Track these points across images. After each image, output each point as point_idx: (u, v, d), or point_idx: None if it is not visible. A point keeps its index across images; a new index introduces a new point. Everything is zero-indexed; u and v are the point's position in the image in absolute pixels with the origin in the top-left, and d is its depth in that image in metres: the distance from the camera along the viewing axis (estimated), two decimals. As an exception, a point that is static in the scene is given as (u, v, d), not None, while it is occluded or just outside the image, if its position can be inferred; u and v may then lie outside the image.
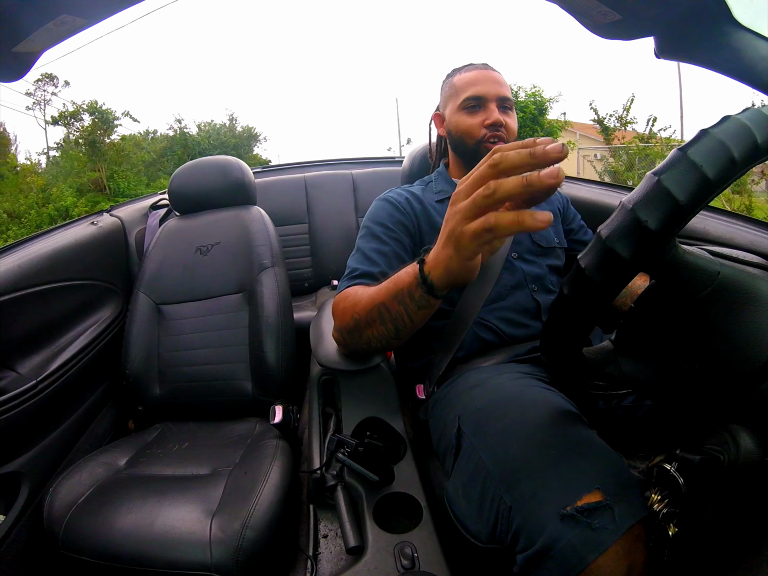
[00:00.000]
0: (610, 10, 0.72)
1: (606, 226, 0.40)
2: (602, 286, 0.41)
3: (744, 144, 0.37)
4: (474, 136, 0.90)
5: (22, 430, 0.93)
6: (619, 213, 0.39)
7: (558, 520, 0.47)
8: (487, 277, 0.86)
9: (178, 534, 0.74)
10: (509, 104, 0.92)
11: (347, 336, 0.76)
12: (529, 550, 0.49)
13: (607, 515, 0.46)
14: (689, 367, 0.44)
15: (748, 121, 0.37)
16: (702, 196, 0.37)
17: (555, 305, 0.46)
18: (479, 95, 0.89)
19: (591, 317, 0.44)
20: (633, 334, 0.49)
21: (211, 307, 1.21)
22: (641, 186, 0.39)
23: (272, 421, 1.06)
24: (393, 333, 0.67)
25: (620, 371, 0.49)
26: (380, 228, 0.86)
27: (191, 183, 1.36)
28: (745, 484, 0.43)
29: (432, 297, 0.58)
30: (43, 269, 1.06)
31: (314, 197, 2.03)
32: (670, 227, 0.37)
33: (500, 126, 0.88)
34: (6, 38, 0.64)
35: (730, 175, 0.37)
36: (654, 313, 0.47)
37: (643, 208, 0.37)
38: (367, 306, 0.68)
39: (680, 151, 0.38)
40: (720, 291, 0.42)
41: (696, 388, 0.44)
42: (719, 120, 0.39)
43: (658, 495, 0.46)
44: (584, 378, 0.53)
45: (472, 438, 0.65)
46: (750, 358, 0.41)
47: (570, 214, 1.02)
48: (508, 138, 0.91)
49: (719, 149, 0.37)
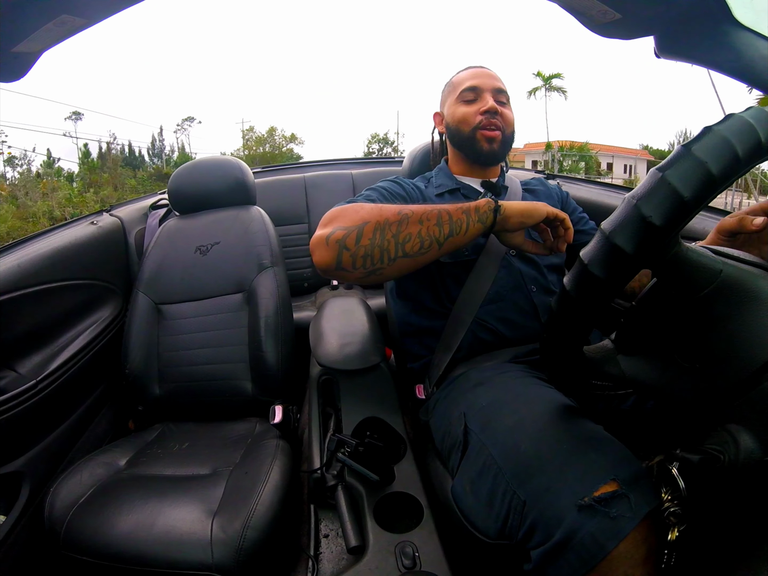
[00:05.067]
0: (610, 9, 0.72)
1: (609, 222, 0.40)
2: (605, 282, 0.40)
3: (748, 141, 0.37)
4: (470, 123, 0.91)
5: (22, 430, 0.93)
6: (623, 208, 0.39)
7: (576, 511, 0.47)
8: (484, 276, 0.86)
9: (179, 534, 0.74)
10: (505, 98, 0.93)
11: (368, 232, 0.66)
12: (546, 544, 0.49)
13: (624, 503, 0.47)
14: (690, 365, 0.44)
15: (752, 119, 0.38)
16: (706, 192, 0.37)
17: (557, 301, 0.46)
18: (475, 86, 0.92)
19: (593, 313, 0.44)
20: (633, 333, 0.49)
21: (211, 307, 1.21)
22: (645, 181, 0.39)
23: (272, 421, 1.07)
24: (443, 237, 0.69)
25: (620, 370, 0.49)
26: (385, 190, 0.86)
27: (191, 183, 1.36)
28: (745, 484, 0.43)
29: (493, 216, 0.72)
30: (43, 269, 1.06)
31: (314, 197, 2.03)
32: (675, 223, 0.37)
33: (495, 113, 0.89)
34: (6, 38, 0.64)
35: (734, 172, 0.37)
36: (655, 312, 0.47)
37: (648, 203, 0.37)
38: (410, 211, 0.69)
39: (685, 147, 0.38)
40: (722, 289, 0.42)
41: (696, 387, 0.44)
42: (723, 117, 0.39)
43: (668, 495, 0.47)
44: (584, 376, 0.53)
45: (481, 435, 0.65)
46: (751, 356, 0.41)
47: (570, 206, 1.02)
48: (505, 128, 0.91)
49: (724, 146, 0.37)
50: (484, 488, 0.60)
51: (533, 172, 1.80)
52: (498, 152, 0.92)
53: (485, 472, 0.60)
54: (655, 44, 0.77)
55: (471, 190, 0.94)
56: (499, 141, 0.91)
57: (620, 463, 0.51)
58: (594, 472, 0.50)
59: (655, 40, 0.76)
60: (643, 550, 0.46)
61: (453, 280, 0.88)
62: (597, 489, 0.48)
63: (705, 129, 0.38)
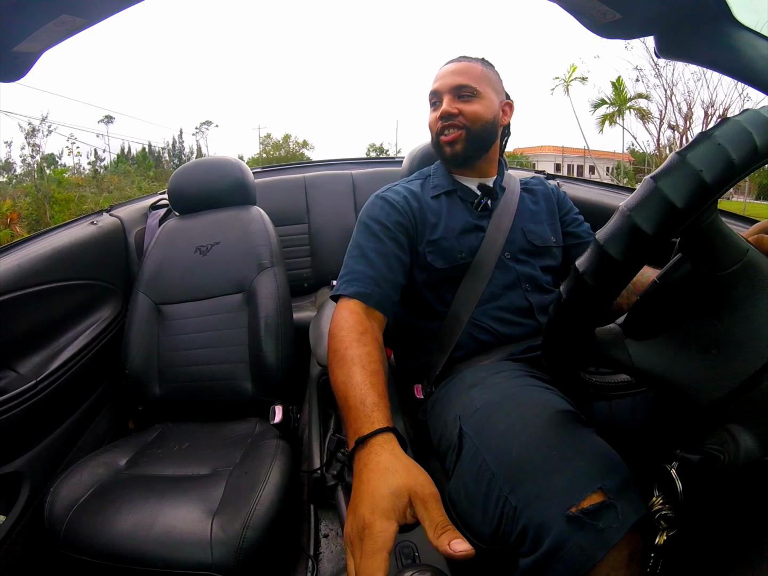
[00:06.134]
0: (610, 9, 0.72)
1: (603, 231, 0.40)
2: (598, 291, 0.41)
3: (743, 148, 0.37)
4: (433, 130, 0.94)
5: (22, 430, 0.93)
6: (616, 218, 0.40)
7: (564, 521, 0.48)
8: (480, 276, 0.86)
9: (179, 534, 0.74)
10: (467, 91, 0.89)
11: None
12: (536, 553, 0.49)
13: (611, 514, 0.47)
14: (704, 351, 0.44)
15: (747, 124, 0.37)
16: (700, 201, 0.37)
17: (554, 310, 0.46)
18: (435, 90, 0.92)
19: (589, 321, 0.44)
20: (647, 315, 0.48)
21: (211, 307, 1.21)
22: (639, 190, 0.39)
23: (272, 421, 1.07)
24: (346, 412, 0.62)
25: (627, 355, 0.47)
26: (379, 226, 0.85)
27: (191, 183, 1.36)
28: (745, 484, 0.43)
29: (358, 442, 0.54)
30: (43, 269, 1.06)
31: (314, 197, 2.02)
32: (668, 232, 0.37)
33: (451, 116, 0.89)
34: (6, 38, 0.64)
35: (729, 180, 0.37)
36: (675, 292, 0.46)
37: (640, 213, 0.37)
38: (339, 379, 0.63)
39: (678, 155, 0.38)
40: (747, 270, 0.41)
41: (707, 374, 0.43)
42: (718, 122, 0.38)
43: (660, 499, 0.46)
44: (589, 363, 0.52)
45: (475, 439, 0.65)
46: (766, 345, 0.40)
47: (566, 206, 1.02)
48: (469, 125, 0.89)
49: (718, 153, 0.37)
50: (478, 492, 0.60)
51: (533, 171, 1.80)
52: (462, 153, 0.91)
53: (480, 476, 0.60)
54: (655, 44, 0.77)
55: (468, 193, 0.94)
56: (463, 140, 0.90)
57: (608, 470, 0.51)
58: (582, 481, 0.50)
59: (655, 40, 0.76)
60: (629, 555, 0.46)
61: (449, 282, 0.88)
62: (584, 498, 0.48)
63: (700, 135, 0.38)
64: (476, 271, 0.87)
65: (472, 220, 0.90)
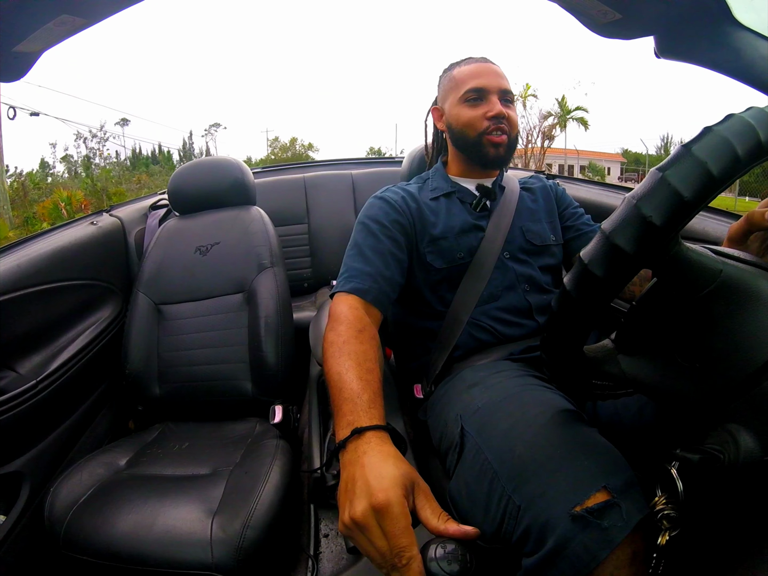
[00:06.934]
0: (611, 9, 0.72)
1: (609, 221, 0.40)
2: (605, 282, 0.40)
3: (748, 142, 0.37)
4: (476, 128, 0.89)
5: (22, 430, 0.93)
6: (623, 208, 0.39)
7: (569, 520, 0.48)
8: (479, 276, 0.86)
9: (179, 534, 0.74)
10: (510, 97, 0.91)
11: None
12: (540, 552, 0.49)
13: (616, 513, 0.47)
14: (690, 365, 0.44)
15: (752, 120, 0.37)
16: (706, 192, 0.37)
17: (557, 301, 0.46)
18: (481, 87, 0.89)
19: (593, 314, 0.44)
20: (633, 332, 0.49)
21: (211, 307, 1.21)
22: (646, 181, 0.39)
23: (272, 421, 1.07)
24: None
25: (620, 369, 0.49)
26: (377, 225, 0.85)
27: (191, 183, 1.36)
28: (745, 484, 0.43)
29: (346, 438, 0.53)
30: (43, 269, 1.06)
31: (314, 197, 2.02)
32: (675, 223, 0.37)
33: (503, 118, 0.88)
34: (6, 38, 0.64)
35: (734, 173, 0.37)
36: (656, 312, 0.47)
37: (648, 203, 0.37)
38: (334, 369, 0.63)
39: (684, 147, 0.38)
40: (722, 289, 0.42)
41: (696, 387, 0.44)
42: (723, 118, 0.38)
43: (663, 498, 0.46)
44: (584, 376, 0.52)
45: (477, 438, 0.65)
46: (751, 356, 0.41)
47: (565, 201, 1.01)
48: (510, 131, 0.90)
49: (724, 146, 0.37)
50: (480, 491, 0.59)
51: (533, 171, 1.80)
52: (504, 156, 0.91)
53: (482, 475, 0.60)
54: (655, 44, 0.77)
55: (467, 194, 0.94)
56: (506, 145, 0.90)
57: (612, 470, 0.51)
58: (586, 480, 0.50)
59: (655, 41, 0.76)
60: (632, 554, 0.46)
61: (449, 282, 0.88)
62: (588, 497, 0.48)
63: (705, 129, 0.38)
64: (476, 271, 0.87)
65: (471, 220, 0.90)
